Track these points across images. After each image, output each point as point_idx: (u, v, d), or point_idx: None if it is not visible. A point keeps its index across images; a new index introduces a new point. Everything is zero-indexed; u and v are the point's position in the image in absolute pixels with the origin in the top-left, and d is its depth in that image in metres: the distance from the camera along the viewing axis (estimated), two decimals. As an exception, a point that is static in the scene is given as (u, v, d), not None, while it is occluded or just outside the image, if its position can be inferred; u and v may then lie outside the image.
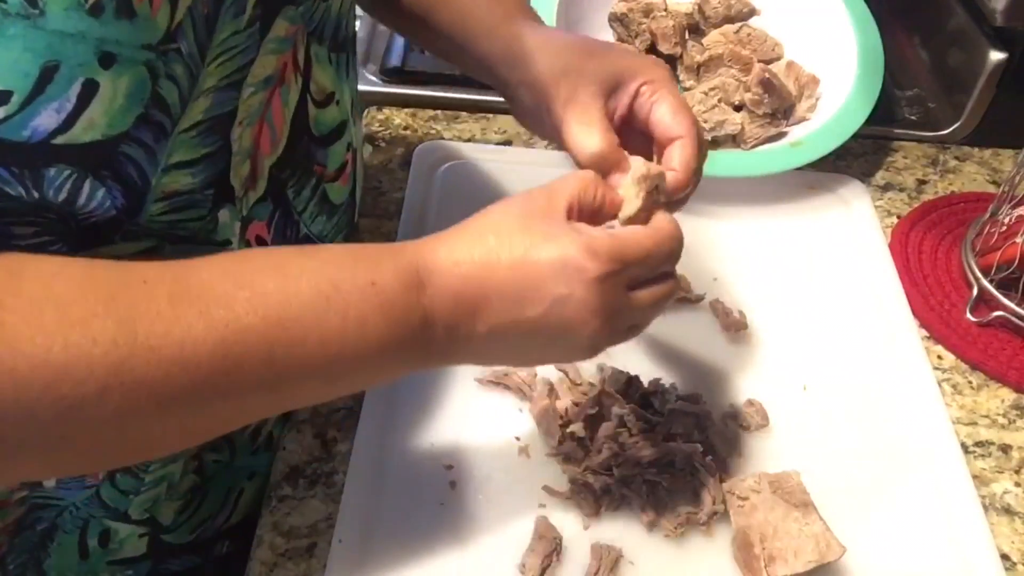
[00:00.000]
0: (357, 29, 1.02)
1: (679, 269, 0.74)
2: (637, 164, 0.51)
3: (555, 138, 0.57)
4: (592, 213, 0.49)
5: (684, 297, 0.72)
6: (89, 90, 0.39)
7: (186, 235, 0.49)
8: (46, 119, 0.39)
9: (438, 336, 0.46)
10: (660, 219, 0.49)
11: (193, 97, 0.45)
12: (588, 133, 0.53)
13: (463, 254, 0.45)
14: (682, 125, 0.53)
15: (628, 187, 0.50)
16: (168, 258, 0.47)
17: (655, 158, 0.55)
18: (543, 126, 0.57)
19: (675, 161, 0.52)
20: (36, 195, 0.40)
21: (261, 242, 0.56)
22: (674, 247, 0.49)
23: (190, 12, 0.43)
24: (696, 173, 0.53)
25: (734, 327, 0.70)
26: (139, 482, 0.57)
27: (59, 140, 0.39)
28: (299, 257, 0.44)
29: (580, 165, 0.53)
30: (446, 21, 0.62)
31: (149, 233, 0.47)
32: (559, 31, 0.61)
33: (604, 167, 0.52)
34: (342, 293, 0.43)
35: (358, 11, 0.71)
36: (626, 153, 0.53)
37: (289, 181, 0.57)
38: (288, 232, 0.58)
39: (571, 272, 0.45)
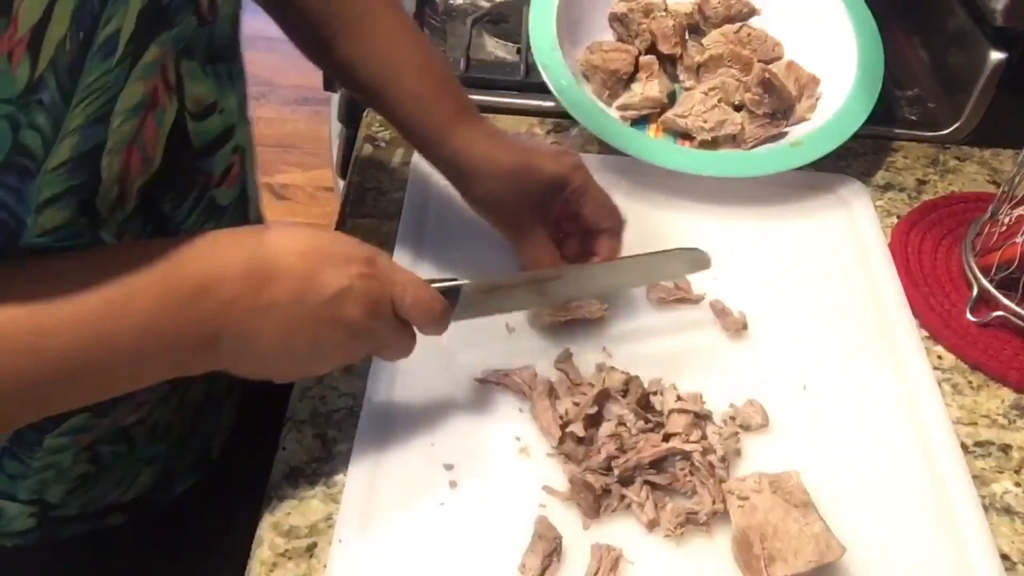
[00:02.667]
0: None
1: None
2: None
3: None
4: None
5: (684, 297, 0.72)
6: None
7: None
8: None
9: (224, 295, 0.49)
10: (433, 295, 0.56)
11: (59, 139, 0.45)
12: (536, 261, 0.66)
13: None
14: (610, 219, 0.68)
15: None
16: None
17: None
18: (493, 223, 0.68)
19: (602, 249, 0.68)
20: None
21: None
22: (437, 315, 0.57)
23: (52, 64, 0.43)
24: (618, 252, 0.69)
25: (734, 327, 0.70)
26: (26, 467, 0.59)
27: None
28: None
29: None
30: (393, 107, 0.66)
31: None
32: (496, 136, 0.66)
33: None
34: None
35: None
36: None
37: (165, 197, 0.56)
38: None
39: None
